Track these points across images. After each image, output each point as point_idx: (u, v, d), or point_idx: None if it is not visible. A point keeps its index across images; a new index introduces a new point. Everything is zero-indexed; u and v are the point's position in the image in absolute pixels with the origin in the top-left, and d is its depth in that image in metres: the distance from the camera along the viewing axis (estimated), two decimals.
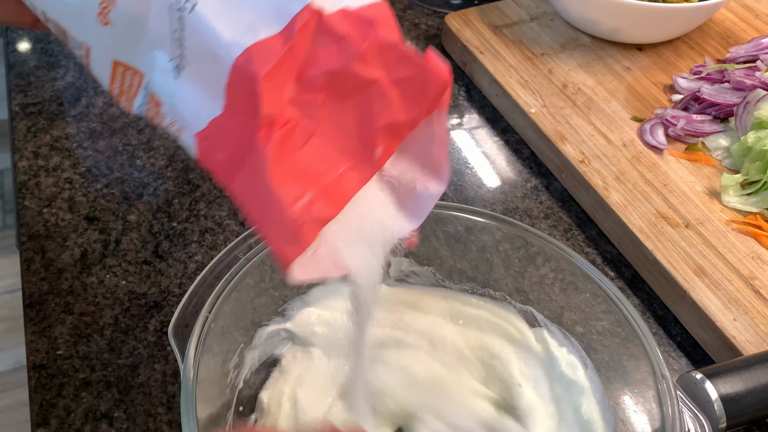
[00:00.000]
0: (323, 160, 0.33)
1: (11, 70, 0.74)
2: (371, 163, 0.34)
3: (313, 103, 0.32)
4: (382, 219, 0.36)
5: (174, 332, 0.42)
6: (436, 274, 0.51)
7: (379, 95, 0.32)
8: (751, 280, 0.53)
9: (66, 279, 0.55)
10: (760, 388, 0.44)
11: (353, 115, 0.33)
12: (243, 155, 0.31)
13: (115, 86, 0.36)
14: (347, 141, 0.33)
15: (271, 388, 0.46)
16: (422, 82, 0.33)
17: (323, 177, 0.33)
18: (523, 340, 0.47)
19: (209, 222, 0.60)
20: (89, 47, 0.35)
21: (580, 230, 0.61)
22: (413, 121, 0.34)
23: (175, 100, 0.34)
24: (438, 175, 0.36)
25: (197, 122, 0.33)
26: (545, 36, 0.75)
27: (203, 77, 0.32)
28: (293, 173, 0.32)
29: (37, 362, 0.50)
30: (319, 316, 0.48)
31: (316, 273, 0.34)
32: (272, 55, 0.30)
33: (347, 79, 0.32)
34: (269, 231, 0.32)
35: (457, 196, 0.64)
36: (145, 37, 0.34)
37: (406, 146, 0.35)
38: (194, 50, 0.32)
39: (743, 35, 0.76)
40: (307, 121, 0.32)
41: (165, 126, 0.35)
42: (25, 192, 0.62)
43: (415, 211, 0.37)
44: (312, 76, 0.31)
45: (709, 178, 0.61)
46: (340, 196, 0.33)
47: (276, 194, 0.31)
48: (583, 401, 0.44)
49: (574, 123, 0.66)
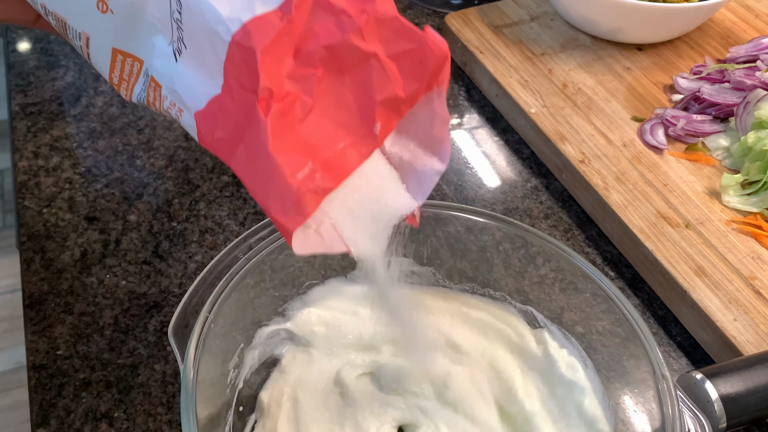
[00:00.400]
0: (323, 135, 0.33)
1: (11, 70, 0.74)
2: (371, 139, 0.33)
3: (312, 77, 0.32)
4: (385, 195, 0.36)
5: (174, 332, 0.42)
6: (436, 274, 0.51)
7: (378, 69, 0.32)
8: (751, 280, 0.53)
9: (66, 279, 0.55)
10: (760, 388, 0.44)
11: (352, 90, 0.33)
12: (242, 130, 0.31)
13: (115, 74, 0.37)
14: (346, 116, 0.33)
15: (271, 388, 0.46)
16: (421, 55, 0.33)
17: (323, 151, 0.32)
18: (523, 345, 0.47)
19: (209, 222, 0.60)
20: (88, 36, 0.36)
21: (580, 230, 0.61)
22: (412, 96, 0.33)
23: (174, 82, 0.34)
24: (440, 153, 0.36)
25: (196, 102, 0.33)
26: (545, 36, 0.75)
27: (202, 57, 0.32)
28: (293, 145, 0.31)
29: (37, 362, 0.50)
30: (319, 316, 0.48)
31: (320, 247, 0.34)
32: (270, 29, 0.30)
33: (345, 53, 0.32)
34: (270, 202, 0.32)
35: (457, 196, 0.64)
36: (144, 23, 0.34)
37: (407, 125, 0.35)
38: (193, 30, 0.32)
39: (743, 35, 0.76)
40: (305, 97, 0.32)
41: (165, 109, 0.35)
42: (25, 192, 0.62)
43: (418, 189, 0.37)
44: (310, 50, 0.31)
45: (709, 178, 0.61)
46: (341, 170, 0.33)
47: (276, 164, 0.31)
48: (585, 399, 0.44)
49: (574, 123, 0.66)
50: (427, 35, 0.32)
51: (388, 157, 0.36)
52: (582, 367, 0.45)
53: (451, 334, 0.49)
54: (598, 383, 0.45)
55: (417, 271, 0.51)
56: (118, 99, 0.71)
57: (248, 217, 0.61)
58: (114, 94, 0.72)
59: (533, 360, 0.47)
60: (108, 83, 0.72)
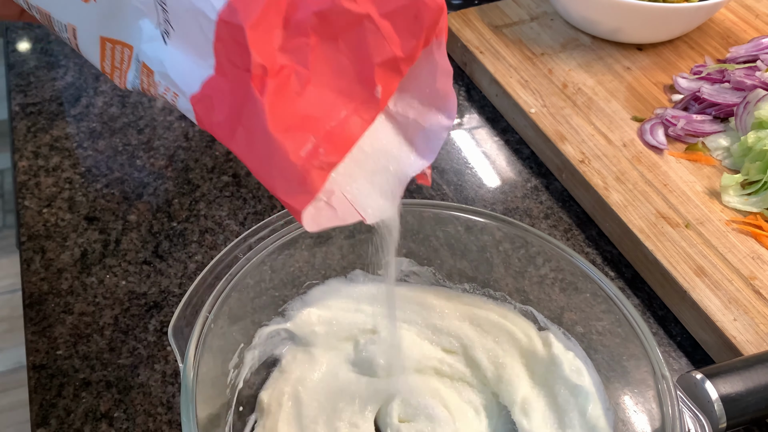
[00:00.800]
0: (323, 106, 0.32)
1: (11, 70, 0.74)
2: (373, 104, 0.33)
3: (305, 47, 0.31)
4: (393, 156, 0.35)
5: (174, 332, 0.42)
6: (436, 274, 0.51)
7: (373, 31, 0.31)
8: (751, 280, 0.53)
9: (66, 279, 0.55)
10: (760, 388, 0.44)
11: (348, 55, 0.32)
12: (240, 111, 0.31)
13: (107, 63, 0.36)
14: (345, 83, 0.32)
15: (271, 388, 0.46)
16: (415, 11, 0.32)
17: (325, 122, 0.32)
18: (530, 346, 0.47)
19: (209, 222, 0.60)
20: (74, 27, 0.35)
21: (580, 230, 0.61)
22: (411, 54, 0.32)
23: (165, 66, 0.33)
24: (445, 108, 0.35)
25: (190, 86, 0.32)
26: (545, 36, 0.75)
27: (190, 38, 0.31)
28: (293, 121, 0.31)
29: (37, 362, 0.50)
30: (319, 316, 0.48)
31: (333, 221, 0.33)
32: (256, 2, 0.29)
33: (337, 17, 0.31)
34: (275, 183, 0.31)
35: (457, 196, 0.64)
36: (128, 7, 0.33)
37: (409, 82, 0.34)
38: (177, 10, 0.31)
39: (743, 35, 0.76)
40: (300, 68, 0.31)
41: (160, 94, 0.34)
42: (25, 192, 0.62)
43: (427, 147, 0.36)
44: (300, 19, 0.30)
45: (709, 178, 0.61)
46: (345, 140, 0.32)
47: (278, 144, 0.30)
48: (589, 405, 0.44)
49: (574, 123, 0.66)
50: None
51: (393, 116, 0.35)
52: (587, 372, 0.45)
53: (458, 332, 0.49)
54: (598, 383, 0.45)
55: (417, 271, 0.51)
56: (118, 99, 0.71)
57: (248, 217, 0.61)
58: (114, 94, 0.72)
59: (539, 362, 0.47)
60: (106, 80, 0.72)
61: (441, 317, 0.49)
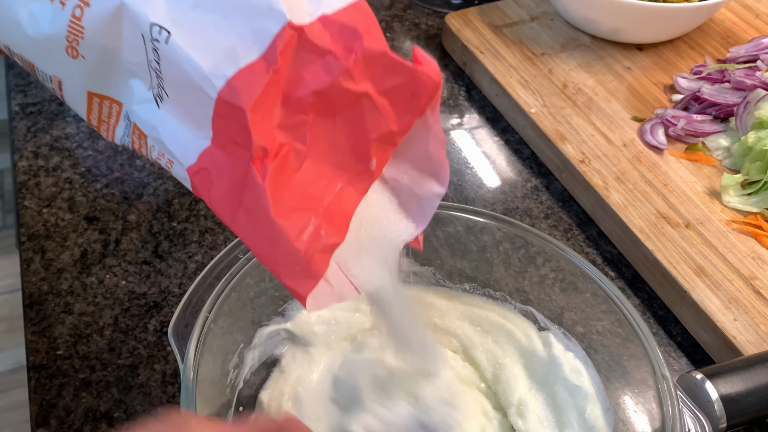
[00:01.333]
0: (320, 181, 0.32)
1: (11, 70, 0.74)
2: (367, 175, 0.33)
3: (303, 124, 0.31)
4: (387, 226, 0.35)
5: (174, 332, 0.42)
6: (436, 274, 0.51)
7: (370, 108, 0.31)
8: (751, 280, 0.53)
9: (66, 279, 0.55)
10: (761, 388, 0.44)
11: (345, 131, 0.32)
12: (240, 189, 0.30)
13: (93, 117, 0.35)
14: (341, 157, 0.32)
15: (271, 388, 0.46)
16: (413, 88, 0.32)
17: (322, 198, 0.32)
18: (529, 346, 0.47)
19: (209, 222, 0.60)
20: (60, 80, 0.34)
21: (581, 230, 0.61)
22: (406, 127, 0.33)
23: (159, 132, 0.32)
24: (438, 175, 0.35)
25: (186, 155, 0.32)
26: (545, 36, 0.75)
27: (187, 108, 0.31)
28: (293, 202, 0.31)
29: (37, 362, 0.50)
30: (319, 316, 0.48)
31: (332, 299, 0.33)
32: (257, 83, 0.29)
33: (336, 96, 0.31)
34: (280, 268, 0.31)
35: (457, 196, 0.64)
36: (119, 67, 0.32)
37: (403, 148, 0.34)
38: (174, 81, 0.30)
39: (743, 35, 0.76)
40: (298, 145, 0.31)
41: (154, 158, 0.34)
42: (25, 192, 0.62)
43: (419, 214, 0.36)
44: (299, 97, 0.30)
45: (709, 178, 0.61)
46: (343, 215, 0.33)
47: (281, 229, 0.30)
48: (588, 406, 0.44)
49: (575, 123, 0.66)
50: (417, 65, 0.31)
51: (387, 182, 0.35)
52: (586, 372, 0.45)
53: (458, 332, 0.49)
54: (598, 383, 0.45)
55: (417, 271, 0.51)
56: None
57: None
58: None
59: (538, 362, 0.47)
60: None
61: (441, 317, 0.49)
